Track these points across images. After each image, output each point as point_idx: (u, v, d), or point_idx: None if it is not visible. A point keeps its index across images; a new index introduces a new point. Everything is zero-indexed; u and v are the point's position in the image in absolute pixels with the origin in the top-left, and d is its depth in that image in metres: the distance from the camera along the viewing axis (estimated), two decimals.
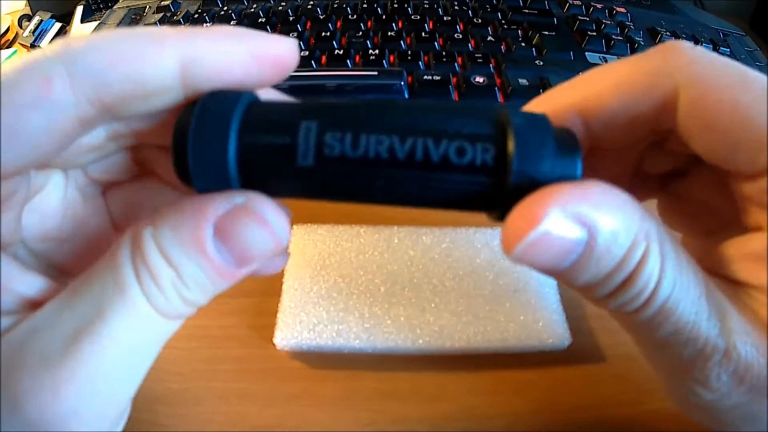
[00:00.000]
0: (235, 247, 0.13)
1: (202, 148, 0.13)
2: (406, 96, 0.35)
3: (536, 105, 0.16)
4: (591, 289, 0.14)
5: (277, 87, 0.17)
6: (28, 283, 0.14)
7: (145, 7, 0.48)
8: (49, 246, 0.17)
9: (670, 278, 0.13)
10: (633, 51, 0.40)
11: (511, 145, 0.13)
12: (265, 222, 0.14)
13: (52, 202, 0.16)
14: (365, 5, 0.45)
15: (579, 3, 0.45)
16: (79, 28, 0.52)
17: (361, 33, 0.41)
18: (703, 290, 0.14)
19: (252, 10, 0.45)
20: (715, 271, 0.15)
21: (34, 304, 0.14)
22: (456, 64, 0.37)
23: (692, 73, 0.14)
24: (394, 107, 0.13)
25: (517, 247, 0.13)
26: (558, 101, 0.16)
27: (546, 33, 0.41)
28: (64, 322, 0.13)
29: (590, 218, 0.12)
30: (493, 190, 0.13)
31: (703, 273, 0.14)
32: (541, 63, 0.38)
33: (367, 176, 0.13)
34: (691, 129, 0.14)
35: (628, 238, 0.13)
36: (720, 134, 0.14)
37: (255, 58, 0.14)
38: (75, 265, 0.17)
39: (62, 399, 0.13)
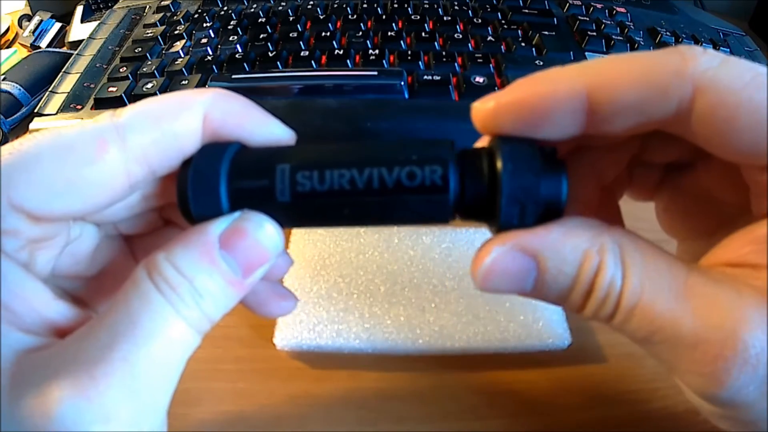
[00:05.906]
0: (240, 254, 0.15)
1: (200, 199, 0.16)
2: (407, 96, 0.35)
3: (542, 79, 0.15)
4: (564, 304, 0.15)
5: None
6: (57, 311, 0.15)
7: (145, 7, 0.48)
8: (75, 283, 0.18)
9: (635, 282, 0.14)
10: (633, 51, 0.40)
11: (499, 164, 0.14)
12: (261, 226, 0.15)
13: (84, 249, 0.18)
14: (365, 5, 0.45)
15: (579, 3, 0.45)
16: (79, 28, 0.52)
17: (361, 33, 0.40)
18: (680, 288, 0.14)
19: (252, 10, 0.45)
20: (721, 263, 0.15)
21: (59, 331, 0.15)
22: (456, 64, 0.37)
23: (708, 78, 0.14)
24: (355, 146, 0.16)
25: (475, 280, 0.15)
26: (567, 79, 0.15)
27: (546, 33, 0.40)
28: (98, 336, 0.14)
29: (533, 247, 0.14)
30: (450, 204, 0.15)
31: (687, 269, 0.14)
32: (541, 63, 0.38)
33: (335, 205, 0.15)
34: (707, 133, 0.14)
35: (576, 256, 0.14)
36: (737, 137, 0.14)
37: (256, 136, 0.17)
38: (97, 299, 0.19)
39: (102, 393, 0.13)
